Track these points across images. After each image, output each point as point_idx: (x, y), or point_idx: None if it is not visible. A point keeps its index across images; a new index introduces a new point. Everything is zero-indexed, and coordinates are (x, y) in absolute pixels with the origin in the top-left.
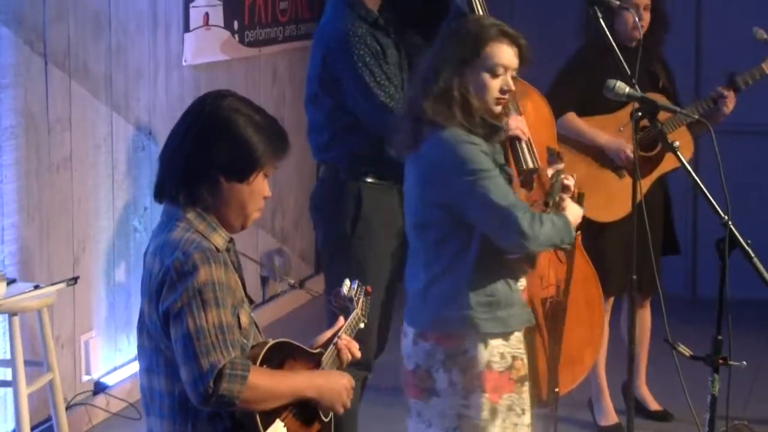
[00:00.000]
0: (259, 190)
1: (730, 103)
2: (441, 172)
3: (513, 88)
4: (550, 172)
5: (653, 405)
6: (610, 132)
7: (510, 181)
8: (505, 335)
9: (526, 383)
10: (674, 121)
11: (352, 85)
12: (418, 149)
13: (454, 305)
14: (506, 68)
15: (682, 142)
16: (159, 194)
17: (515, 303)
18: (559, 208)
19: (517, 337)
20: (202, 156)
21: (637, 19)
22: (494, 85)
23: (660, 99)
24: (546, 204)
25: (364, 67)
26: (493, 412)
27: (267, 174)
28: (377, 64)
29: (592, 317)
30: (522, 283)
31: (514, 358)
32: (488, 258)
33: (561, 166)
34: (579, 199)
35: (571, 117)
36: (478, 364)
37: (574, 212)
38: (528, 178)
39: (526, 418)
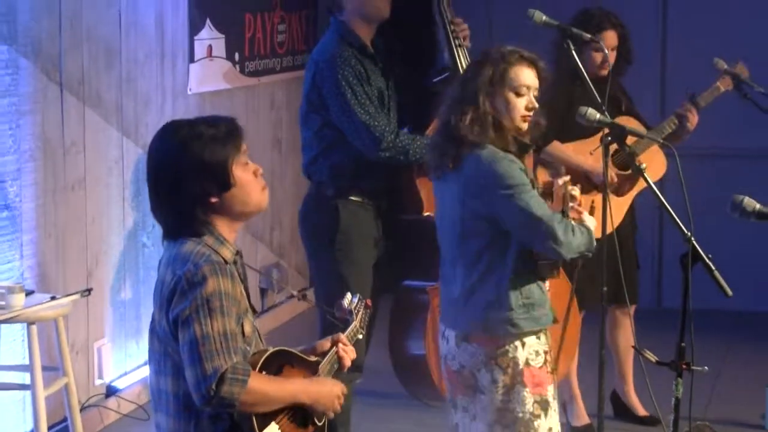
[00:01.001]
0: (247, 178)
1: (693, 120)
2: (483, 187)
3: (537, 105)
4: (560, 181)
5: (641, 411)
6: (585, 156)
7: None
8: (537, 333)
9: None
10: (644, 142)
11: (335, 102)
12: (459, 168)
13: (497, 308)
14: (528, 88)
15: (655, 161)
16: (168, 236)
17: (545, 303)
18: (576, 218)
19: (545, 333)
20: (182, 196)
21: (605, 57)
22: (520, 103)
23: (629, 123)
24: (564, 213)
25: (346, 85)
26: (544, 404)
27: (242, 161)
28: (359, 84)
29: (567, 326)
30: (547, 285)
31: (545, 352)
32: (523, 264)
33: (567, 177)
34: (591, 212)
35: (556, 145)
36: (519, 363)
37: (593, 223)
38: (547, 190)
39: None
